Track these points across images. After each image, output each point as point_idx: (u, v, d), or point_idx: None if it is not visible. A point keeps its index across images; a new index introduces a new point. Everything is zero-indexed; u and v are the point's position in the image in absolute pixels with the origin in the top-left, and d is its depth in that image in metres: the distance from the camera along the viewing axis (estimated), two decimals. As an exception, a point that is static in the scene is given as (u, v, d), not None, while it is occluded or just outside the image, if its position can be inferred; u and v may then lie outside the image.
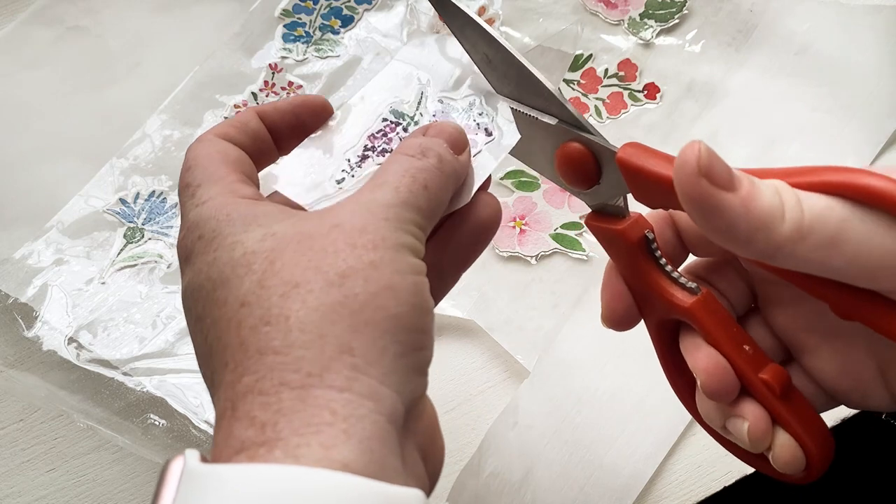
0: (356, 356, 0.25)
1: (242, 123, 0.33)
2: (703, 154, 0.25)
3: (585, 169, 0.32)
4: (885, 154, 0.52)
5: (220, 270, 0.27)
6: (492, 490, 0.45)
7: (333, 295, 0.25)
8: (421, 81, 0.36)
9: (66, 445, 0.48)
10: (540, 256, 0.50)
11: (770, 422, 0.30)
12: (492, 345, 0.49)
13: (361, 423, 0.24)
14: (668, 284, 0.31)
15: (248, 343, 0.25)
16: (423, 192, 0.29)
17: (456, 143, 0.32)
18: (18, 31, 0.58)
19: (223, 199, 0.29)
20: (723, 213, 0.25)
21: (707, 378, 0.30)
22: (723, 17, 0.56)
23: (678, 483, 0.45)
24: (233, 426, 0.24)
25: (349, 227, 0.27)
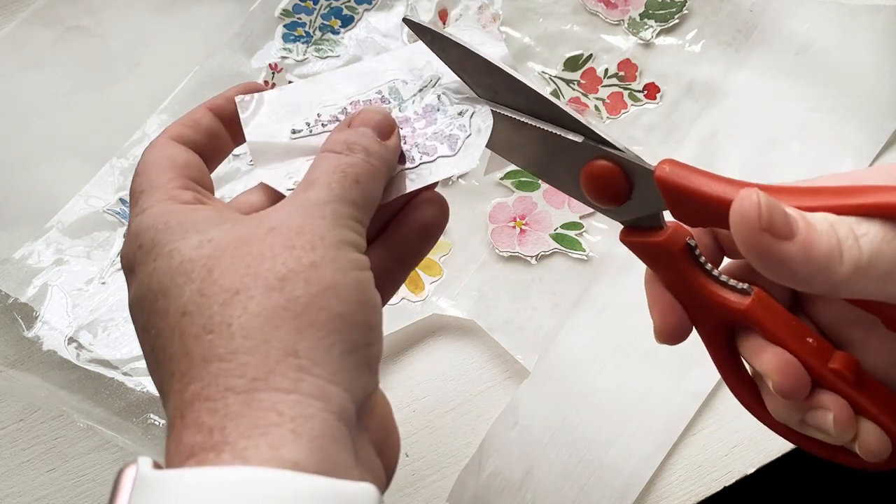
0: (302, 357, 0.25)
1: (194, 122, 0.33)
2: (764, 207, 0.25)
3: (615, 187, 0.31)
4: (885, 154, 0.52)
5: (160, 280, 0.27)
6: (492, 490, 0.45)
7: (275, 299, 0.26)
8: (435, 71, 0.35)
9: (66, 445, 0.48)
10: (540, 256, 0.50)
11: (852, 410, 0.29)
12: (492, 345, 0.49)
13: (310, 423, 0.24)
14: (719, 289, 0.30)
15: (193, 352, 0.25)
16: (355, 187, 0.29)
17: (382, 128, 0.32)
18: (18, 31, 0.58)
19: (161, 206, 0.29)
20: (784, 263, 0.25)
21: (780, 377, 0.29)
22: (723, 17, 0.56)
23: (678, 483, 0.45)
24: (182, 433, 0.24)
25: (286, 229, 0.27)
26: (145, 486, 0.23)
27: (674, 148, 0.53)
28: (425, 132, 0.34)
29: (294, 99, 0.35)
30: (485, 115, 0.34)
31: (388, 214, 0.34)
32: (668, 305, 0.31)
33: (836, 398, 0.29)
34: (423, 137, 0.34)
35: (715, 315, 0.31)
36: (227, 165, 0.54)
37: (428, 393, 0.48)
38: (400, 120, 0.34)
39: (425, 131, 0.34)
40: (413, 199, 0.34)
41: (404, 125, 0.34)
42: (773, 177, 0.51)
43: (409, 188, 0.33)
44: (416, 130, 0.34)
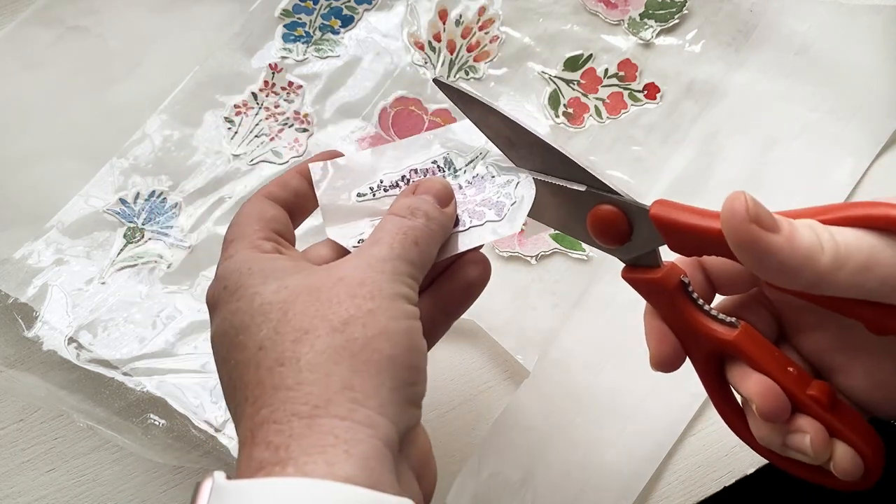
0: (356, 391, 0.29)
1: (284, 182, 0.38)
2: (751, 202, 0.28)
3: (618, 228, 0.35)
4: (885, 154, 0.52)
5: (241, 318, 0.31)
6: (492, 490, 0.45)
7: (337, 339, 0.30)
8: (483, 144, 0.39)
9: (66, 445, 0.48)
10: (540, 256, 0.50)
11: (827, 433, 0.32)
12: (492, 345, 0.49)
13: (360, 446, 0.28)
14: (710, 322, 0.34)
15: (265, 381, 0.29)
16: (413, 248, 0.33)
17: (442, 197, 0.37)
18: (18, 31, 0.58)
19: (246, 253, 0.34)
20: (773, 253, 0.28)
21: (762, 401, 0.32)
22: (723, 17, 0.56)
23: (678, 483, 0.45)
24: (253, 450, 0.28)
25: (350, 279, 0.31)
26: (221, 493, 0.27)
27: (674, 148, 0.53)
28: (475, 199, 0.38)
29: (360, 166, 0.39)
30: (528, 185, 0.37)
31: (438, 270, 0.38)
32: (664, 336, 0.35)
33: (813, 422, 0.32)
34: (472, 203, 0.38)
35: (706, 345, 0.34)
36: (227, 166, 0.54)
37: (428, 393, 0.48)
38: (452, 187, 0.39)
39: (475, 198, 0.38)
40: (460, 259, 0.38)
41: (456, 192, 0.38)
42: (773, 177, 0.51)
43: (460, 248, 0.37)
44: (466, 197, 0.38)
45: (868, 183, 0.51)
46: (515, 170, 0.38)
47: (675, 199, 0.33)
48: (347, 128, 0.55)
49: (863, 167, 0.51)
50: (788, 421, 0.32)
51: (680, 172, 0.52)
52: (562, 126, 0.54)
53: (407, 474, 0.31)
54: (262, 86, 0.56)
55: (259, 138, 0.55)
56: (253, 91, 0.56)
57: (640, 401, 0.46)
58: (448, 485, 0.45)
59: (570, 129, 0.54)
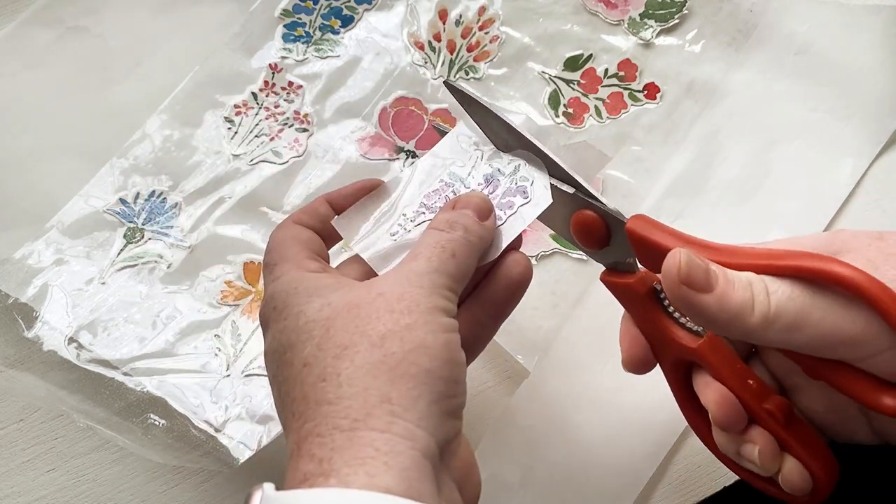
0: (394, 404, 0.30)
1: (313, 210, 0.39)
2: (683, 264, 0.30)
3: (597, 233, 0.36)
4: (885, 154, 0.52)
5: (288, 336, 0.32)
6: (492, 490, 0.45)
7: (375, 354, 0.31)
8: (479, 147, 0.41)
9: (66, 445, 0.48)
10: (540, 256, 0.50)
11: (778, 446, 0.33)
12: (492, 345, 0.48)
13: (400, 458, 0.29)
14: (678, 329, 0.35)
15: (309, 396, 0.31)
16: (451, 261, 0.34)
17: (481, 211, 0.37)
18: (18, 31, 0.58)
19: (293, 273, 0.35)
20: (702, 311, 0.30)
21: (717, 410, 0.34)
22: (723, 17, 0.56)
23: (678, 483, 0.45)
24: (298, 462, 0.30)
25: (389, 295, 0.32)
26: (270, 503, 0.28)
27: (674, 148, 0.53)
28: (497, 195, 0.39)
29: (379, 210, 0.40)
30: (531, 159, 0.39)
31: (481, 274, 0.38)
32: (635, 340, 0.37)
33: (765, 434, 0.34)
34: (496, 199, 0.39)
35: (673, 351, 0.35)
36: (227, 166, 0.54)
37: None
38: None
39: (497, 194, 0.39)
40: (501, 260, 0.38)
41: None
42: (773, 177, 0.51)
43: (504, 242, 0.38)
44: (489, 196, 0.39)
45: (868, 183, 0.51)
46: (512, 157, 0.39)
47: (675, 198, 0.33)
48: (347, 128, 0.55)
49: (863, 167, 0.51)
50: (743, 431, 0.34)
51: (680, 172, 0.52)
52: (562, 126, 0.54)
53: (448, 485, 0.31)
54: (262, 86, 0.56)
55: (259, 138, 0.55)
56: (253, 91, 0.56)
57: (640, 401, 0.46)
58: (448, 485, 0.45)
59: (570, 129, 0.54)
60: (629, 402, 0.46)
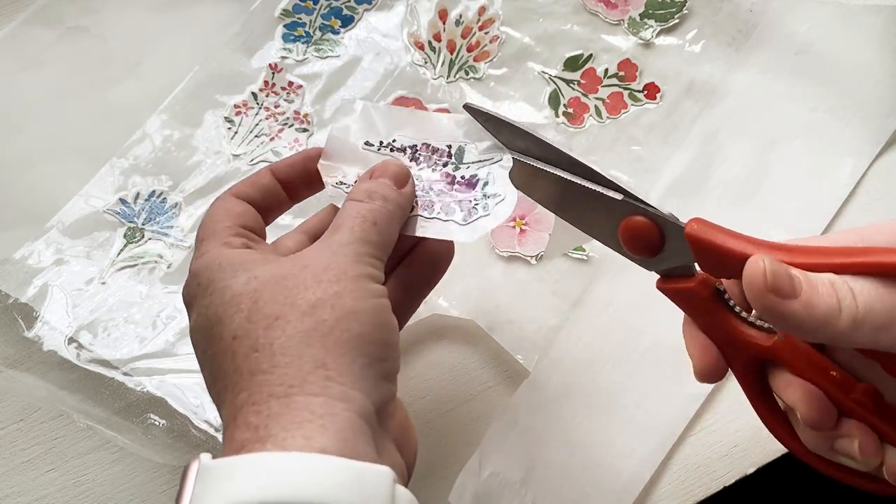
0: (329, 369, 0.30)
1: (255, 180, 0.39)
2: (769, 272, 0.29)
3: (650, 240, 0.35)
4: (885, 154, 0.52)
5: (215, 311, 0.33)
6: (492, 490, 0.45)
7: (307, 323, 0.31)
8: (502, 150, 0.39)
9: (66, 445, 0.48)
10: (540, 256, 0.50)
11: (877, 437, 0.32)
12: (492, 345, 0.49)
13: (336, 419, 0.29)
14: (748, 329, 0.33)
15: (242, 368, 0.31)
16: (373, 228, 0.35)
17: (398, 178, 0.38)
18: (18, 31, 0.58)
19: (216, 250, 0.35)
20: (789, 318, 0.29)
21: (806, 409, 0.32)
22: (723, 17, 0.56)
23: (678, 483, 0.45)
24: (234, 432, 0.30)
25: (315, 265, 0.33)
26: (207, 471, 0.28)
27: (674, 148, 0.53)
28: (456, 196, 0.39)
29: (385, 118, 0.41)
30: (507, 207, 0.38)
31: (404, 252, 0.39)
32: (705, 347, 0.34)
33: (861, 426, 0.32)
34: (451, 199, 0.39)
35: (745, 353, 0.33)
36: (227, 166, 0.54)
37: (428, 393, 0.48)
38: (446, 176, 0.39)
39: (457, 195, 0.39)
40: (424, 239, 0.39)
41: (446, 181, 0.39)
42: (773, 177, 0.51)
43: (417, 233, 0.38)
44: (452, 189, 0.39)
45: (868, 183, 0.51)
46: (510, 187, 0.38)
47: (675, 198, 0.33)
48: (347, 128, 0.55)
49: (863, 167, 0.51)
50: (835, 426, 0.32)
51: (680, 172, 0.52)
52: (562, 126, 0.54)
53: (388, 447, 0.32)
54: (263, 86, 0.56)
55: (259, 138, 0.55)
56: (253, 91, 0.56)
57: (640, 401, 0.46)
58: (449, 484, 0.45)
59: (570, 128, 0.54)
60: (629, 402, 0.46)
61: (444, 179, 0.39)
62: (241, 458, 0.28)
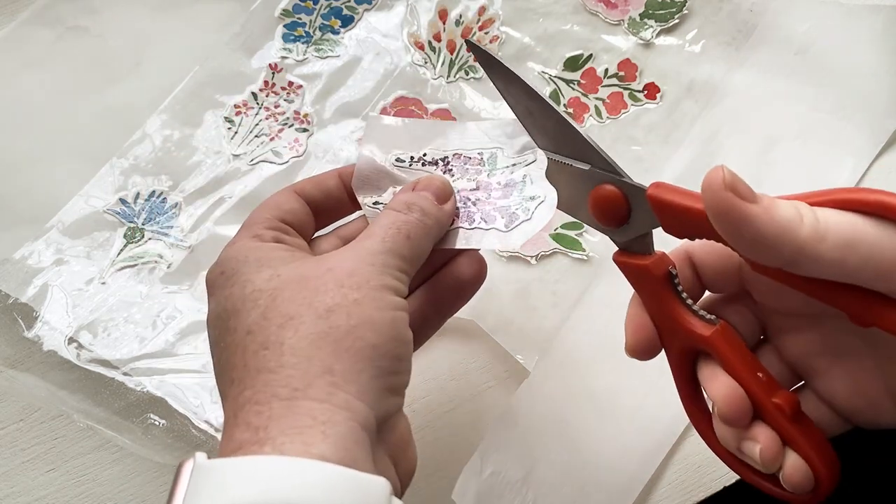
0: (336, 376, 0.30)
1: (320, 181, 0.39)
2: (727, 173, 0.29)
3: (617, 208, 0.35)
4: (885, 154, 0.52)
5: (234, 303, 0.32)
6: (494, 489, 0.45)
7: (320, 326, 0.31)
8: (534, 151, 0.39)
9: (66, 445, 0.48)
10: (540, 256, 0.50)
11: (781, 444, 0.33)
12: (492, 345, 0.49)
13: (337, 428, 0.29)
14: (690, 316, 0.34)
15: (250, 364, 0.30)
16: (405, 242, 0.34)
17: (440, 194, 0.37)
18: (18, 31, 0.58)
19: (246, 242, 0.35)
20: (749, 222, 0.28)
21: (724, 405, 0.32)
22: (723, 17, 0.56)
23: (678, 483, 0.45)
24: (234, 431, 0.29)
25: (339, 270, 0.32)
26: (201, 472, 0.28)
27: (674, 148, 0.53)
28: (496, 203, 0.38)
29: (411, 132, 0.40)
30: (548, 206, 0.37)
31: (434, 268, 0.38)
32: (643, 324, 0.35)
33: (768, 431, 0.33)
34: (490, 206, 0.38)
35: (681, 339, 0.34)
36: (227, 165, 0.54)
37: (428, 393, 0.48)
38: (482, 184, 0.39)
39: (496, 202, 0.38)
40: (457, 257, 0.39)
41: (483, 189, 0.39)
42: (773, 177, 0.51)
43: (458, 245, 0.37)
44: (490, 197, 0.38)
45: (868, 183, 0.51)
46: (548, 187, 0.37)
47: None
48: (347, 128, 0.55)
49: (863, 167, 0.51)
50: (747, 427, 0.33)
51: (680, 172, 0.52)
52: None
53: (383, 460, 0.32)
54: (262, 86, 0.56)
55: (259, 138, 0.55)
56: (253, 91, 0.56)
57: (640, 401, 0.46)
58: (450, 483, 0.45)
59: (570, 129, 0.54)
60: (629, 402, 0.46)
61: (480, 187, 0.39)
62: (237, 460, 0.28)
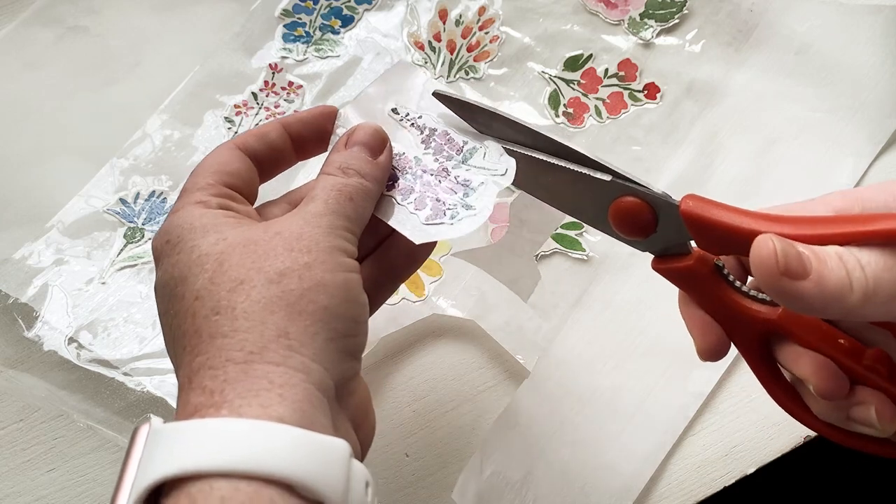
0: (291, 339, 0.30)
1: (263, 133, 0.37)
2: (780, 253, 0.28)
3: (643, 221, 0.34)
4: (885, 154, 0.52)
5: (181, 270, 0.32)
6: (494, 488, 0.45)
7: (273, 290, 0.30)
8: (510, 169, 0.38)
9: (66, 445, 0.48)
10: (540, 256, 0.50)
11: (892, 402, 0.31)
12: (492, 345, 0.49)
13: (294, 390, 0.29)
14: (750, 302, 0.32)
15: (202, 329, 0.30)
16: (349, 203, 0.34)
17: (374, 147, 0.37)
18: (18, 31, 0.58)
19: (191, 209, 0.34)
20: (801, 298, 0.28)
21: (818, 380, 0.31)
22: (723, 17, 0.56)
23: (678, 483, 0.45)
24: (189, 395, 0.29)
25: (287, 234, 0.32)
26: (157, 435, 0.28)
27: (674, 148, 0.53)
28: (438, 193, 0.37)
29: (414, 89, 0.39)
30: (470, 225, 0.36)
31: (384, 235, 0.38)
32: (706, 324, 0.33)
33: (876, 392, 0.31)
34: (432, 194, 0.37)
35: (749, 328, 0.32)
36: (227, 165, 0.54)
37: (428, 393, 0.48)
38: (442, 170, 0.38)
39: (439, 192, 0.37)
40: None
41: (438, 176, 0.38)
42: (773, 177, 0.51)
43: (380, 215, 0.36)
44: (439, 185, 0.37)
45: (868, 183, 0.51)
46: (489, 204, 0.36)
47: (675, 198, 0.32)
48: (347, 128, 0.55)
49: (863, 167, 0.51)
50: (849, 395, 0.31)
51: (680, 172, 0.52)
52: (562, 126, 0.54)
53: (344, 424, 0.31)
54: (263, 86, 0.56)
55: (259, 138, 0.55)
56: (253, 91, 0.56)
57: (640, 401, 0.46)
58: (450, 483, 0.45)
59: (570, 128, 0.54)
60: (629, 402, 0.46)
61: (439, 173, 0.38)
62: (194, 423, 0.28)
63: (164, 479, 0.26)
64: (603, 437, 0.45)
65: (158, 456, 0.27)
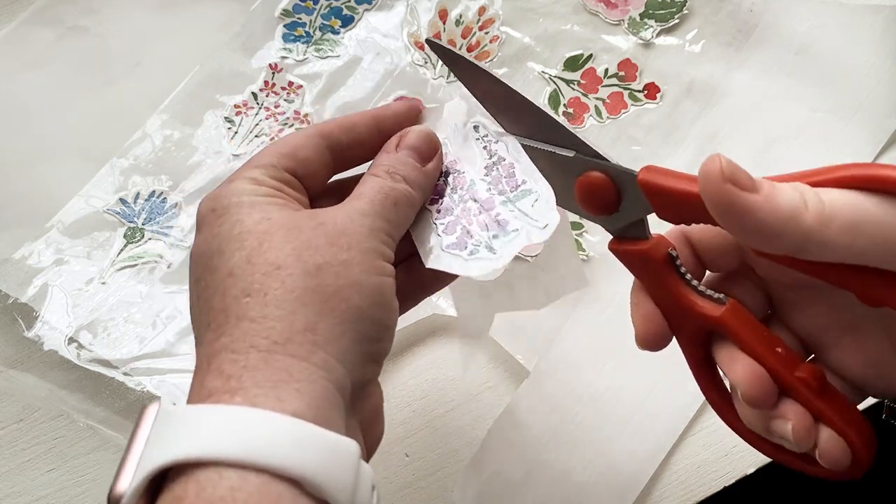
0: (318, 335, 0.29)
1: (351, 126, 0.36)
2: (725, 163, 0.27)
3: (606, 195, 0.33)
4: (885, 154, 0.52)
5: (220, 242, 0.31)
6: (494, 488, 0.45)
7: (308, 282, 0.30)
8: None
9: (66, 445, 0.48)
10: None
11: (812, 420, 0.31)
12: (492, 345, 0.49)
13: (312, 387, 0.28)
14: (697, 298, 0.32)
15: (230, 310, 0.30)
16: (393, 207, 0.34)
17: (424, 153, 0.36)
18: (18, 31, 0.58)
19: (243, 184, 0.33)
20: (751, 213, 0.27)
21: (747, 387, 0.31)
22: (723, 17, 0.56)
23: (678, 483, 0.45)
24: (205, 377, 0.29)
25: (331, 227, 0.32)
26: (166, 417, 0.27)
27: (674, 148, 0.53)
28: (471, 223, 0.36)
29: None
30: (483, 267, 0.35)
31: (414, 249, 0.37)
32: (650, 313, 0.33)
33: (797, 407, 0.31)
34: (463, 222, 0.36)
35: (692, 323, 0.32)
36: (227, 166, 0.54)
37: (428, 393, 0.48)
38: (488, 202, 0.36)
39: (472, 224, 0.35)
40: None
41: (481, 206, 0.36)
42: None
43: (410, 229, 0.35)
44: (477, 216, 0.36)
45: (868, 183, 0.51)
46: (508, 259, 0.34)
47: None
48: (347, 128, 0.55)
49: (863, 167, 0.51)
50: (774, 406, 0.31)
51: (680, 172, 0.52)
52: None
53: (354, 427, 0.31)
54: (263, 86, 0.56)
55: (259, 138, 0.55)
56: (253, 91, 0.56)
57: (640, 401, 0.46)
58: (450, 483, 0.45)
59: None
60: (629, 402, 0.46)
61: (484, 203, 0.36)
62: (206, 408, 0.27)
63: (174, 463, 0.26)
64: (603, 437, 0.45)
65: (169, 437, 0.26)
